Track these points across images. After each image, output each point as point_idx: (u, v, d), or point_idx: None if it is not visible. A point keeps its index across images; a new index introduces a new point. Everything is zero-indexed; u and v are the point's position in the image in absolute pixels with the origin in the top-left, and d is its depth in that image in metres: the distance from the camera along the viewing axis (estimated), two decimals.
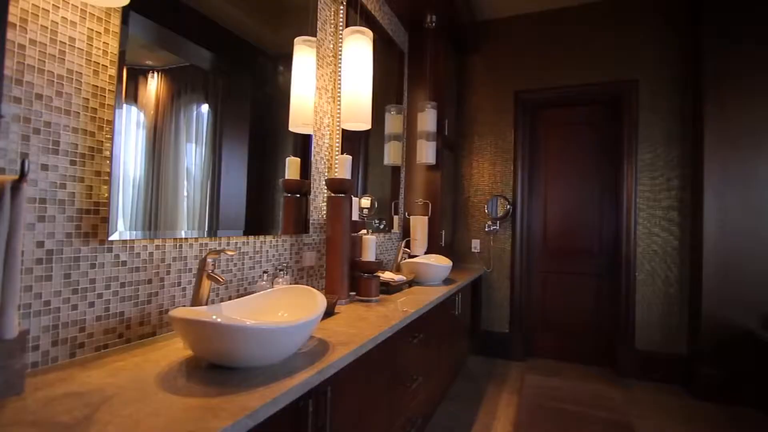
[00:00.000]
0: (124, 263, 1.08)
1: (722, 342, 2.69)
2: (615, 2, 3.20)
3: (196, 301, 1.11)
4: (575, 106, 3.44)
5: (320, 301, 1.11)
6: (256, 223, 1.65)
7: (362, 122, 1.91)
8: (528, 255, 3.47)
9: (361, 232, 1.96)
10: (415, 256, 2.84)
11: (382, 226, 2.88)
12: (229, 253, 1.16)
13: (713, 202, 2.74)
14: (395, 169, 2.99)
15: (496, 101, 3.55)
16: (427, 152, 2.94)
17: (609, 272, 3.27)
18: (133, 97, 1.11)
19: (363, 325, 1.38)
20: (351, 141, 2.51)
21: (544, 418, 2.39)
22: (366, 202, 2.74)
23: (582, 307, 3.35)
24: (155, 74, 1.18)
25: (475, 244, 3.53)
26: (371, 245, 1.82)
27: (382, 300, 1.84)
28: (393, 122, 2.92)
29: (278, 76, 1.77)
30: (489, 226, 3.46)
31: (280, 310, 1.19)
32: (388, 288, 1.99)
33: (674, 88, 3.04)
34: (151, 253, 1.15)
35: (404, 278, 2.18)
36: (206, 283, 1.11)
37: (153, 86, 1.17)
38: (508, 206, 3.39)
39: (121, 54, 1.05)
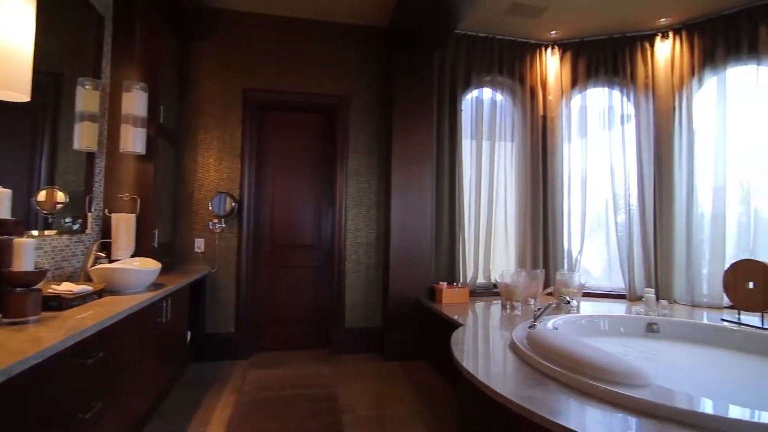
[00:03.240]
0: None
1: (402, 312, 3.44)
2: (338, 25, 3.61)
3: None
4: (301, 111, 3.71)
5: None
6: None
7: (16, 92, 1.47)
8: (255, 252, 3.51)
9: (15, 236, 1.51)
10: (118, 260, 2.42)
11: (76, 227, 2.34)
12: None
13: (398, 204, 3.47)
14: (90, 156, 2.47)
15: (225, 96, 3.43)
16: (134, 140, 2.55)
17: (327, 263, 3.67)
18: None
19: None
20: (31, 116, 2.00)
21: (259, 409, 2.47)
22: (61, 195, 2.18)
23: (306, 297, 3.65)
24: None
25: (199, 244, 3.32)
26: (26, 250, 1.42)
27: (46, 319, 1.47)
28: (87, 99, 2.39)
29: None
30: (214, 224, 3.31)
31: None
32: (60, 303, 1.61)
33: (376, 108, 3.68)
34: None
35: (89, 288, 1.81)
36: None
37: None
38: (234, 204, 3.33)
39: None
